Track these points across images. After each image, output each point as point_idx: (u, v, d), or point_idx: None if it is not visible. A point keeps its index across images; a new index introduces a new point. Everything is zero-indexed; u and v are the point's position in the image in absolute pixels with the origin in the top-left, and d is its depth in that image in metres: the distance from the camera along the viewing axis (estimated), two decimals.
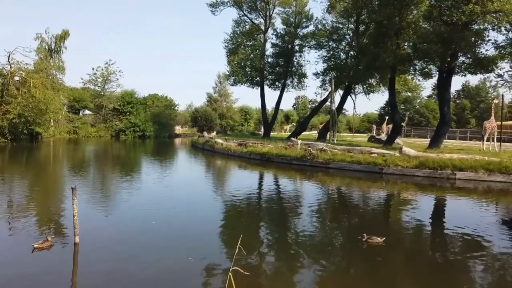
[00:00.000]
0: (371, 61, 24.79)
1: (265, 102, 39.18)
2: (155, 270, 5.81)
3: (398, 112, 29.41)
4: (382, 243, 7.14)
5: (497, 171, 14.94)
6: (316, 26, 34.71)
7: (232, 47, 37.18)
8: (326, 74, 32.77)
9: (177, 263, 6.14)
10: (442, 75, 22.94)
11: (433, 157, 16.66)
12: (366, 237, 7.24)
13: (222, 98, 69.50)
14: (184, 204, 10.76)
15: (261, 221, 9.34)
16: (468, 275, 6.16)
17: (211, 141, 30.53)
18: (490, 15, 18.84)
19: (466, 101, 65.13)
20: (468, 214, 10.39)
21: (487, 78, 66.38)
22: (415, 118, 59.69)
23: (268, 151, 22.34)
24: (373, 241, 7.16)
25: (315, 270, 6.08)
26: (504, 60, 21.82)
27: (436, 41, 20.55)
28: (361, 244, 7.16)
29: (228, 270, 3.67)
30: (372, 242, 7.15)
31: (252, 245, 7.23)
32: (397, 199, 12.82)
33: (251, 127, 67.26)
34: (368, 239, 7.20)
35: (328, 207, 11.32)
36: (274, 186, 15.51)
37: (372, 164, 17.43)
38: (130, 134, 48.86)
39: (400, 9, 22.85)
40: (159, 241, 7.19)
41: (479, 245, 7.46)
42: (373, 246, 7.25)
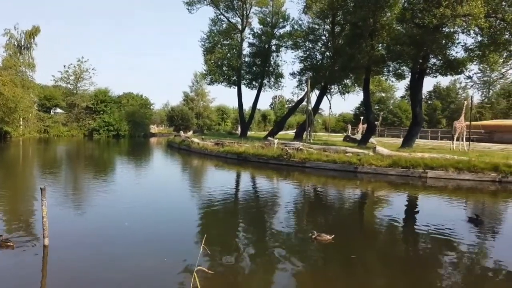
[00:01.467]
0: (346, 61, 25.18)
1: (242, 102, 39.22)
2: (127, 272, 5.70)
3: (372, 112, 30.02)
4: (331, 240, 7.18)
5: (466, 170, 15.47)
6: (293, 26, 35.03)
7: (209, 46, 36.94)
8: (303, 74, 33.06)
9: (150, 264, 6.03)
10: (414, 76, 23.56)
11: (406, 156, 17.09)
12: (316, 235, 7.26)
13: (199, 97, 68.97)
14: (159, 205, 10.59)
15: (237, 221, 9.32)
16: (438, 271, 6.33)
17: (187, 141, 30.24)
18: (460, 18, 19.46)
19: (437, 101, 67.12)
20: (439, 212, 10.70)
21: (457, 80, 68.86)
22: (388, 118, 61.07)
23: (245, 150, 22.34)
24: (322, 239, 7.19)
25: (288, 269, 6.09)
26: (473, 62, 22.63)
27: (409, 43, 21.07)
28: (311, 241, 7.18)
29: (201, 269, 3.63)
30: (321, 239, 7.18)
31: (228, 244, 7.21)
32: (371, 198, 13.08)
33: (228, 127, 67.05)
34: (317, 237, 7.22)
35: (304, 206, 11.42)
36: (250, 186, 15.52)
37: (347, 163, 17.71)
38: (103, 133, 47.79)
39: (374, 11, 23.30)
40: (132, 242, 7.05)
41: (449, 242, 7.69)
42: (348, 244, 7.37)
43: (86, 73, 51.99)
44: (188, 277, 5.34)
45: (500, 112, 59.84)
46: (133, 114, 52.63)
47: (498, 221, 10.03)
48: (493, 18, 19.89)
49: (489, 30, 19.96)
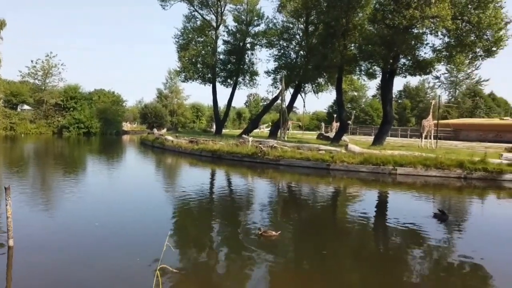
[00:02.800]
0: (320, 61, 25.52)
1: (217, 99, 39.00)
2: (95, 273, 5.59)
3: (345, 111, 30.57)
4: (277, 237, 7.24)
5: (433, 167, 16.04)
6: (267, 25, 35.12)
7: (183, 42, 36.48)
8: (277, 73, 33.27)
9: (119, 264, 5.94)
10: (385, 76, 24.16)
11: (376, 154, 17.53)
12: (262, 231, 7.31)
13: (173, 95, 68.02)
14: (131, 204, 10.42)
15: (210, 218, 9.29)
16: (408, 264, 6.57)
17: (161, 138, 29.83)
18: (428, 20, 20.10)
19: (407, 101, 69.09)
20: (408, 208, 11.06)
21: (426, 80, 71.16)
22: (360, 116, 62.37)
23: (220, 148, 22.28)
24: (268, 235, 7.24)
25: (261, 266, 6.15)
26: (440, 63, 23.44)
27: (380, 43, 21.58)
28: (258, 238, 7.23)
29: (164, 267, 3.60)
30: (267, 235, 7.23)
31: (198, 242, 7.20)
32: (343, 194, 13.36)
33: (203, 124, 66.53)
34: (263, 233, 7.27)
35: (278, 203, 11.53)
36: (225, 183, 15.51)
37: (320, 160, 17.98)
38: (74, 131, 46.40)
39: (347, 12, 23.72)
40: (101, 242, 6.92)
41: (418, 237, 7.97)
42: (321, 240, 7.51)
43: (55, 68, 50.20)
44: (153, 275, 5.32)
45: (466, 111, 62.31)
46: (104, 111, 51.33)
47: (463, 216, 10.47)
48: (459, 20, 20.65)
49: (455, 32, 20.73)
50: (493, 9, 19.63)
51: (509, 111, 66.50)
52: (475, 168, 15.58)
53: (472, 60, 22.55)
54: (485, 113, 61.26)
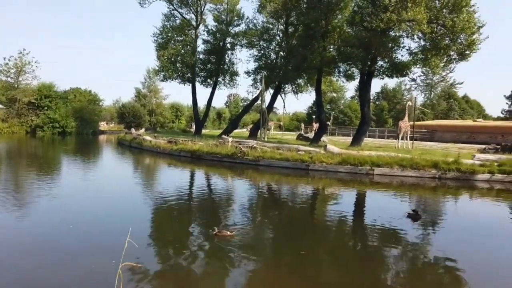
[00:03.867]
0: (300, 62, 25.67)
1: (196, 99, 38.70)
2: (68, 276, 5.44)
3: (324, 112, 30.89)
4: (233, 236, 7.22)
5: (409, 167, 16.37)
6: (248, 25, 35.07)
7: (162, 41, 36.00)
8: (257, 73, 33.25)
9: (93, 267, 5.79)
10: (363, 77, 24.52)
11: (354, 154, 17.76)
12: (217, 231, 7.26)
13: (152, 94, 67.09)
14: (108, 205, 10.19)
15: (187, 218, 9.18)
16: (385, 263, 6.67)
17: (139, 138, 29.34)
18: (405, 23, 20.52)
19: (384, 102, 70.44)
20: (385, 207, 11.25)
21: (402, 82, 72.75)
22: (339, 117, 63.18)
23: (199, 148, 22.10)
24: (222, 234, 7.20)
25: (239, 266, 6.12)
26: (416, 65, 23.97)
27: (358, 46, 21.88)
28: (212, 238, 7.17)
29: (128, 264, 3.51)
30: (221, 235, 7.19)
31: (174, 241, 7.09)
32: (322, 194, 13.47)
33: (182, 124, 65.87)
34: (218, 233, 7.22)
35: (258, 203, 11.51)
36: (204, 183, 15.38)
37: (299, 161, 18.07)
38: (48, 130, 45.16)
39: (326, 13, 23.96)
40: (77, 245, 6.73)
41: (394, 236, 8.10)
42: (299, 240, 7.53)
43: (29, 66, 48.76)
44: (125, 275, 5.25)
45: (441, 113, 64.07)
46: (80, 110, 50.15)
47: (437, 215, 10.72)
48: (434, 24, 21.17)
49: (431, 35, 21.24)
50: (467, 14, 20.22)
51: (481, 113, 68.82)
52: (449, 169, 16.00)
53: (447, 63, 23.13)
54: (459, 115, 63.16)
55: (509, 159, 16.49)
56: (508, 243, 8.04)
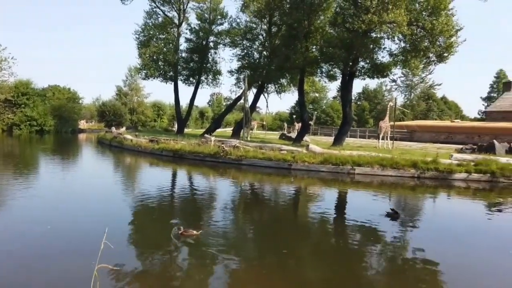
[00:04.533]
0: (282, 61, 25.77)
1: (179, 98, 38.32)
2: (43, 279, 5.32)
3: (307, 112, 31.06)
4: (198, 235, 7.15)
5: (389, 167, 16.65)
6: (231, 24, 34.91)
7: (143, 39, 35.50)
8: (240, 72, 33.19)
9: (69, 269, 5.67)
10: (345, 78, 24.79)
11: (336, 154, 17.95)
12: (182, 230, 7.19)
13: (133, 92, 66.10)
14: (86, 205, 9.99)
15: (170, 218, 9.09)
16: (366, 261, 6.76)
17: (119, 137, 28.89)
18: (386, 25, 20.85)
19: (365, 102, 71.46)
20: (366, 206, 11.40)
21: (383, 83, 74.00)
22: (321, 117, 63.73)
23: (181, 147, 21.92)
24: (188, 234, 7.13)
25: (222, 265, 6.10)
26: (396, 66, 24.38)
27: (340, 46, 22.10)
28: (178, 237, 7.08)
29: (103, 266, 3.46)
30: (187, 235, 7.12)
31: (158, 242, 7.01)
32: (304, 194, 13.56)
33: (164, 123, 65.15)
34: (183, 232, 7.15)
35: (240, 203, 11.50)
36: (185, 183, 15.27)
37: (282, 160, 18.14)
38: (25, 128, 43.99)
39: (309, 14, 24.11)
40: (53, 247, 6.58)
41: (375, 234, 8.23)
42: (282, 239, 7.56)
43: (5, 62, 47.23)
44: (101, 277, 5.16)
45: (420, 113, 65.44)
46: (59, 108, 49.01)
47: (416, 214, 10.95)
48: (414, 26, 21.58)
49: (411, 37, 21.64)
50: (445, 17, 20.69)
51: (459, 114, 70.61)
52: (428, 168, 16.34)
53: (426, 65, 23.61)
54: (438, 116, 64.64)
55: (485, 159, 16.95)
56: (484, 240, 8.27)
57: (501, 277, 6.13)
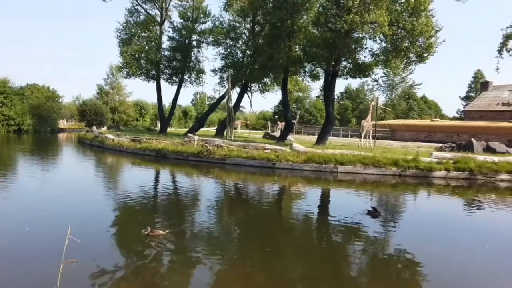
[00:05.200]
0: (266, 61, 25.82)
1: (161, 97, 37.96)
2: (11, 280, 5.20)
3: (290, 111, 31.21)
4: (165, 235, 7.07)
5: (371, 165, 16.88)
6: (214, 23, 34.78)
7: (125, 37, 34.99)
8: (224, 71, 33.09)
9: (37, 268, 5.55)
10: (327, 77, 24.99)
11: (319, 153, 18.09)
12: (149, 231, 7.08)
13: (115, 91, 65.14)
14: (68, 206, 9.79)
15: (151, 217, 8.99)
16: (347, 258, 6.85)
17: (100, 137, 28.42)
18: (367, 25, 21.11)
19: (348, 102, 72.29)
20: (348, 204, 11.54)
21: (365, 82, 75.01)
22: (305, 116, 64.13)
23: (164, 147, 21.71)
24: (155, 234, 7.04)
25: (203, 265, 6.07)
26: (378, 66, 24.71)
27: (323, 46, 22.26)
28: (144, 238, 6.97)
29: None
30: (154, 235, 7.02)
31: (137, 241, 6.92)
32: (287, 192, 13.62)
33: (147, 123, 64.42)
34: (150, 233, 7.04)
35: (224, 202, 11.46)
36: (168, 182, 15.13)
37: (265, 159, 18.17)
38: (2, 128, 42.84)
39: (292, 13, 24.22)
40: (32, 249, 6.42)
41: (357, 232, 8.32)
42: (262, 238, 7.56)
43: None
44: (70, 274, 5.07)
45: (401, 113, 66.57)
46: (38, 107, 47.89)
47: (397, 211, 11.13)
48: (395, 26, 21.90)
49: (392, 38, 21.97)
50: (425, 18, 21.09)
51: (438, 113, 72.15)
52: (408, 166, 16.62)
53: (407, 65, 24.06)
54: (418, 115, 65.87)
55: (463, 157, 17.36)
56: (463, 236, 8.47)
57: (478, 272, 6.29)
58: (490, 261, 6.85)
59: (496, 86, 44.71)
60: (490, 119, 38.99)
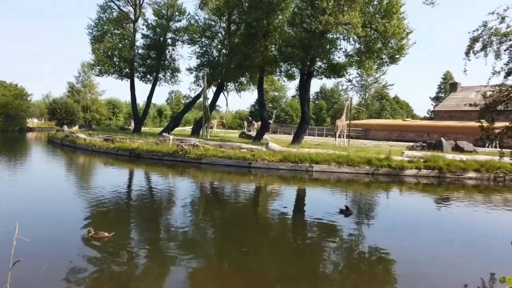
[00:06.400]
0: (242, 60, 25.77)
1: (135, 95, 37.21)
2: None
3: (267, 110, 31.31)
4: (110, 237, 6.91)
5: (345, 164, 17.18)
6: (189, 21, 34.41)
7: (97, 34, 34.10)
8: (199, 70, 32.80)
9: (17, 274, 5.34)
10: (303, 77, 25.23)
11: (295, 152, 18.25)
12: (93, 233, 6.91)
13: (87, 89, 63.39)
14: (37, 207, 9.45)
15: (128, 219, 8.82)
16: (323, 256, 6.94)
17: (72, 136, 27.61)
18: (342, 26, 21.44)
19: (323, 102, 73.18)
20: (323, 203, 11.68)
21: (340, 82, 76.13)
22: (281, 116, 64.51)
23: (138, 146, 21.31)
24: (99, 236, 6.87)
25: (179, 266, 6.01)
26: (352, 67, 25.15)
27: (298, 46, 22.45)
28: (87, 240, 6.78)
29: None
30: (98, 237, 6.85)
31: (117, 244, 6.78)
32: (263, 191, 13.66)
33: (120, 122, 63.06)
34: (94, 235, 6.88)
35: (200, 202, 11.38)
36: (143, 183, 14.88)
37: (241, 159, 18.16)
38: None
39: (267, 13, 24.29)
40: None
41: (332, 230, 8.45)
42: (239, 237, 7.55)
43: None
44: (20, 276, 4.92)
45: (374, 112, 68.04)
46: (5, 105, 45.96)
47: (370, 209, 11.37)
48: (368, 28, 22.37)
49: (365, 39, 22.43)
50: (397, 20, 21.63)
51: (410, 113, 74.17)
52: (381, 165, 17.02)
53: (379, 66, 24.61)
54: (390, 115, 67.50)
55: (433, 155, 17.93)
56: (432, 232, 8.75)
57: (444, 266, 6.50)
58: (456, 255, 7.11)
59: (464, 87, 46.35)
60: (458, 119, 40.45)
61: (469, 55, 9.00)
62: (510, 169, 16.68)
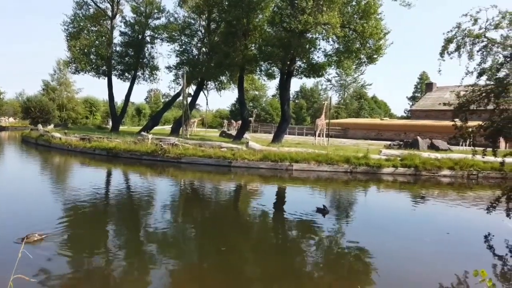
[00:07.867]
0: (222, 59, 25.65)
1: (113, 94, 36.47)
2: None
3: (247, 109, 31.28)
4: (42, 239, 6.70)
5: (325, 162, 17.35)
6: (168, 19, 34.00)
7: (73, 31, 33.25)
8: (179, 69, 32.47)
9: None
10: (283, 76, 25.33)
11: (275, 151, 18.31)
12: (25, 236, 6.64)
13: (62, 87, 61.70)
14: (12, 209, 9.15)
15: (106, 221, 8.65)
16: (303, 253, 6.99)
17: (46, 135, 26.86)
18: (321, 26, 21.61)
19: (303, 101, 73.71)
20: (302, 201, 11.76)
21: (319, 82, 76.89)
22: (261, 115, 64.60)
23: (116, 146, 20.92)
24: (30, 240, 6.59)
25: (158, 266, 5.94)
26: (331, 67, 25.40)
27: (278, 45, 22.51)
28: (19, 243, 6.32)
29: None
30: (30, 241, 6.55)
31: (90, 245, 6.64)
32: (244, 190, 13.65)
33: (97, 121, 61.67)
34: (26, 237, 6.59)
35: (179, 202, 11.27)
36: (120, 183, 14.62)
37: (222, 158, 18.09)
38: None
39: (247, 12, 24.24)
40: None
41: (312, 228, 8.52)
42: (218, 237, 7.52)
43: None
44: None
45: (353, 112, 69.03)
46: None
47: (349, 207, 11.52)
48: (347, 28, 22.66)
49: (344, 39, 22.71)
50: (375, 20, 21.98)
51: (388, 112, 75.61)
52: (359, 163, 17.28)
53: (358, 66, 24.94)
54: (369, 114, 68.63)
55: (410, 154, 18.33)
56: (408, 229, 8.94)
57: (422, 262, 6.66)
58: (431, 251, 7.28)
59: (439, 87, 47.52)
60: (434, 118, 41.46)
61: (443, 55, 9.21)
62: (483, 167, 17.22)
